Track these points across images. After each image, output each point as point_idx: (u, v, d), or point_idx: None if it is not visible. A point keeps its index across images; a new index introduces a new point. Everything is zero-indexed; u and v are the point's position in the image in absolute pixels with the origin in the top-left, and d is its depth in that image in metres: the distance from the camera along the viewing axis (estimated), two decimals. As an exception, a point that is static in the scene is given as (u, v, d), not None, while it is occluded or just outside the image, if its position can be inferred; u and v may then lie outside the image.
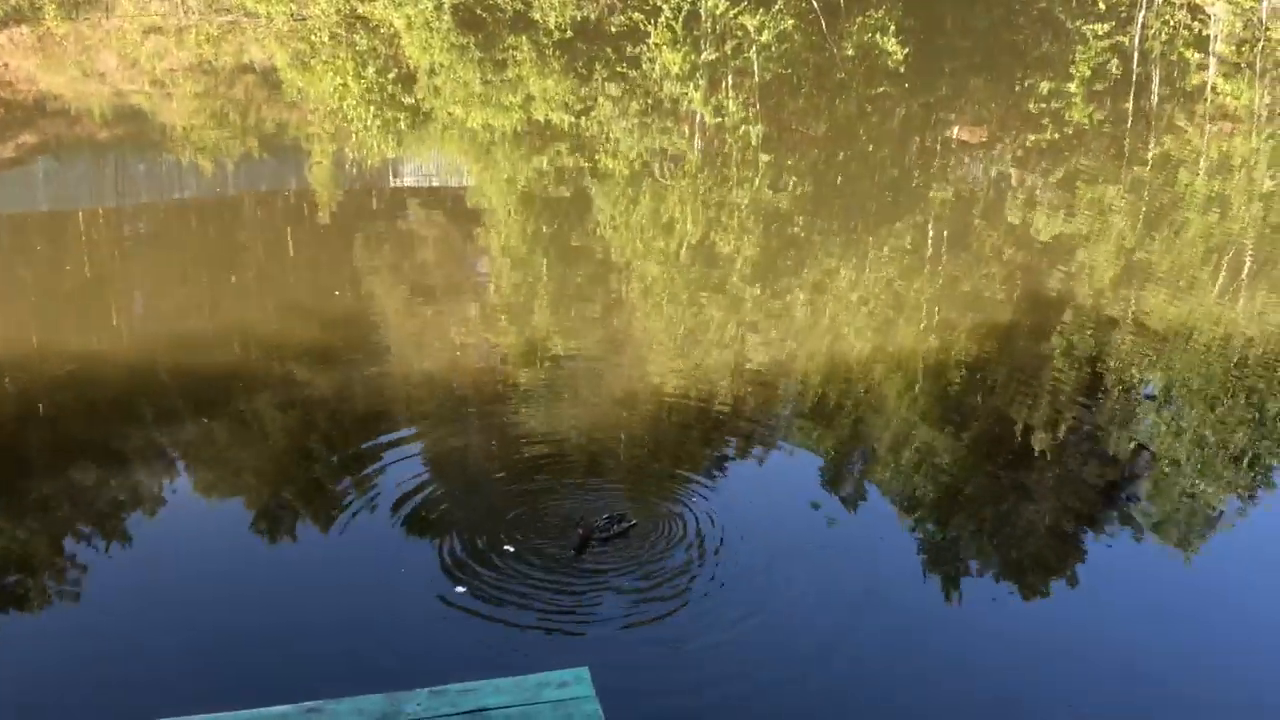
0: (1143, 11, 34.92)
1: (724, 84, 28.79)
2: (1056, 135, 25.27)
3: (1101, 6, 34.38)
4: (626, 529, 9.03)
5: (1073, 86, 29.22)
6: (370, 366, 12.57)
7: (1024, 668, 8.04)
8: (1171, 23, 34.91)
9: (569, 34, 31.64)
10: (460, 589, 8.37)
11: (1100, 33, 32.95)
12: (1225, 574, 9.45)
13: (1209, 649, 8.32)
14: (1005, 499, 10.45)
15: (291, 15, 34.36)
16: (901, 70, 30.04)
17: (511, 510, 9.46)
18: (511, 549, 8.83)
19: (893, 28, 31.52)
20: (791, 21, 31.86)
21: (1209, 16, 34.11)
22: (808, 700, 7.56)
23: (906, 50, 30.60)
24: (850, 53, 31.51)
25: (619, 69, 29.23)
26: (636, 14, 32.11)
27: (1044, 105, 28.07)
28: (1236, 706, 7.74)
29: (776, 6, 31.71)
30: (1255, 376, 12.88)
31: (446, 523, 9.29)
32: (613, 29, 32.26)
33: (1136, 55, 32.57)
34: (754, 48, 30.72)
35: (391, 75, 29.10)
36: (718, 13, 31.67)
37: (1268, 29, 32.70)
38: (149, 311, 14.66)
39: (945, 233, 18.53)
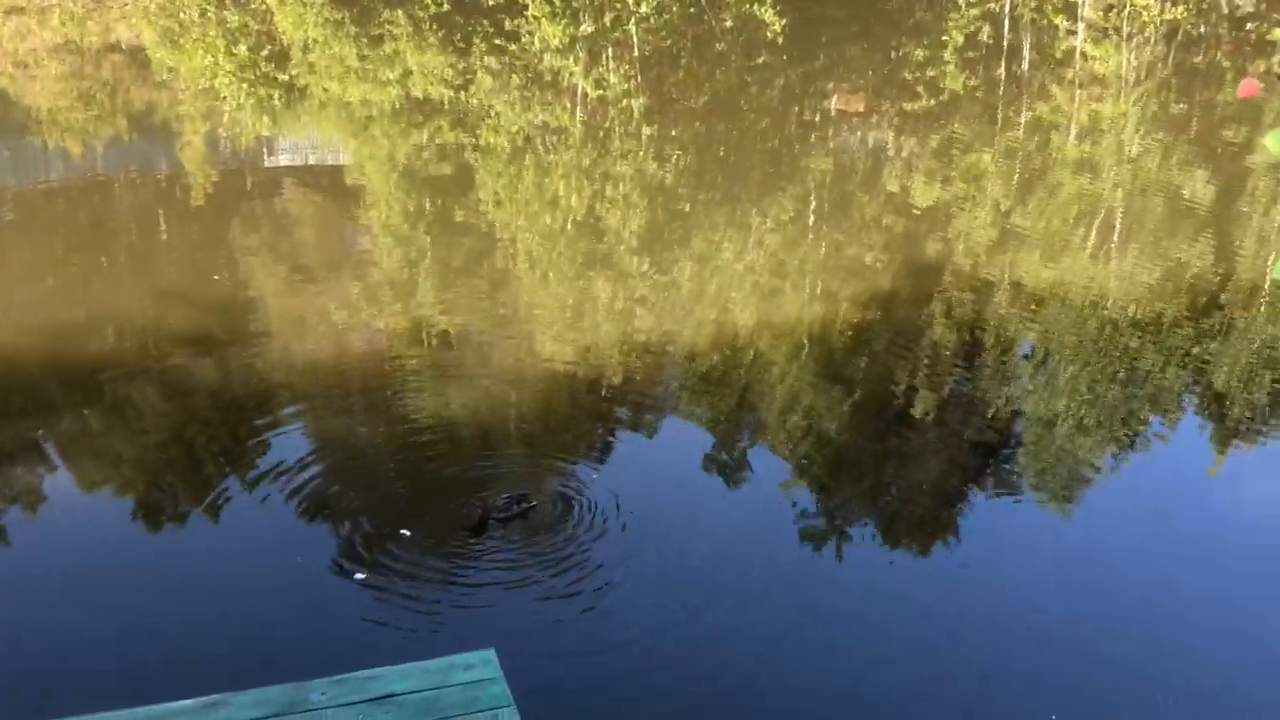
0: (1012, -21, 35.54)
1: (604, 56, 28.69)
2: (932, 102, 25.63)
3: (972, -26, 34.91)
4: (526, 509, 8.99)
5: (946, 54, 29.65)
6: (253, 350, 12.33)
7: (923, 626, 8.21)
8: (1040, -11, 35.59)
9: (445, 7, 31.25)
10: (360, 575, 8.28)
11: (971, 0, 33.46)
12: (1102, 527, 9.75)
13: (1090, 598, 8.59)
14: (892, 462, 10.64)
15: (158, -9, 33.44)
16: (780, 41, 30.20)
17: (406, 493, 9.39)
18: (408, 533, 8.75)
19: (770, -2, 31.67)
20: (670, -7, 31.86)
21: (1076, -17, 34.82)
22: (712, 669, 7.63)
23: (784, 21, 30.77)
24: (729, 24, 31.61)
25: (497, 42, 28.95)
26: (514, -14, 31.85)
27: (919, 73, 28.44)
28: (1115, 651, 8.01)
29: (655, -22, 31.68)
30: (1128, 335, 13.23)
31: (341, 508, 9.17)
32: (490, 2, 31.94)
33: (1007, 22, 33.16)
34: (633, 20, 30.66)
35: (264, 52, 28.48)
36: (596, -16, 31.58)
37: (1134, -7, 33.51)
38: (18, 300, 14.19)
39: (826, 202, 18.72)
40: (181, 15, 31.90)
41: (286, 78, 26.34)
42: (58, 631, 7.77)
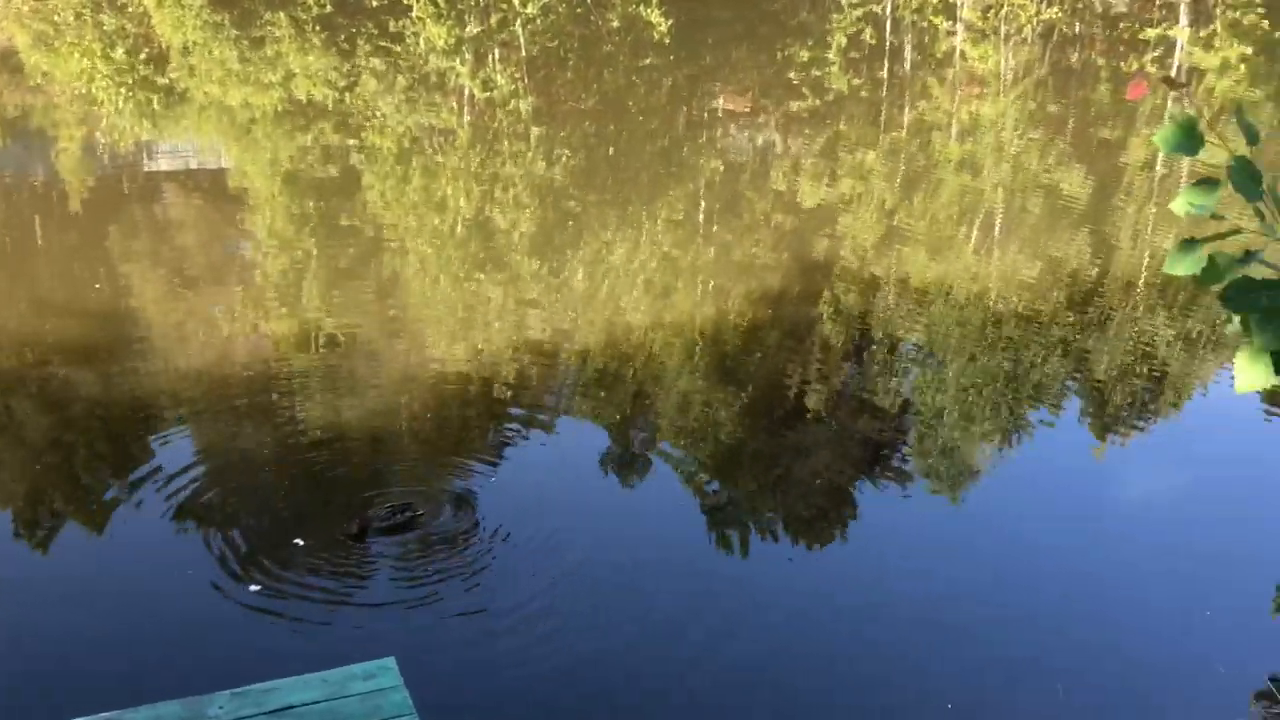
0: (893, -20, 36.12)
1: (491, 58, 28.59)
2: (817, 103, 25.95)
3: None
4: (410, 518, 8.89)
5: (831, 55, 30.04)
6: (135, 359, 12.06)
7: (821, 617, 8.30)
8: (920, -9, 36.22)
9: (328, 9, 30.89)
10: (254, 587, 8.13)
11: (854, 2, 33.94)
12: (990, 515, 9.96)
13: (981, 586, 8.76)
14: (786, 458, 10.74)
15: (31, -7, 32.61)
16: (666, 42, 30.36)
17: (297, 501, 9.25)
18: (301, 542, 8.63)
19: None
20: (555, -7, 31.85)
21: (955, -16, 35.49)
22: (609, 668, 7.64)
23: (670, 22, 30.93)
24: (615, 25, 31.68)
25: (382, 44, 28.69)
26: (398, -13, 31.60)
27: (804, 74, 28.78)
28: (1006, 636, 8.20)
29: (540, -21, 31.64)
30: (1011, 329, 13.53)
31: (230, 518, 9.00)
32: (374, 3, 31.64)
33: (889, 23, 33.69)
34: (519, 21, 30.59)
35: (143, 55, 27.90)
36: (481, -15, 31.46)
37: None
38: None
39: (716, 202, 18.85)
40: (56, 18, 31.11)
41: (166, 81, 25.83)
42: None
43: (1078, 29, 34.33)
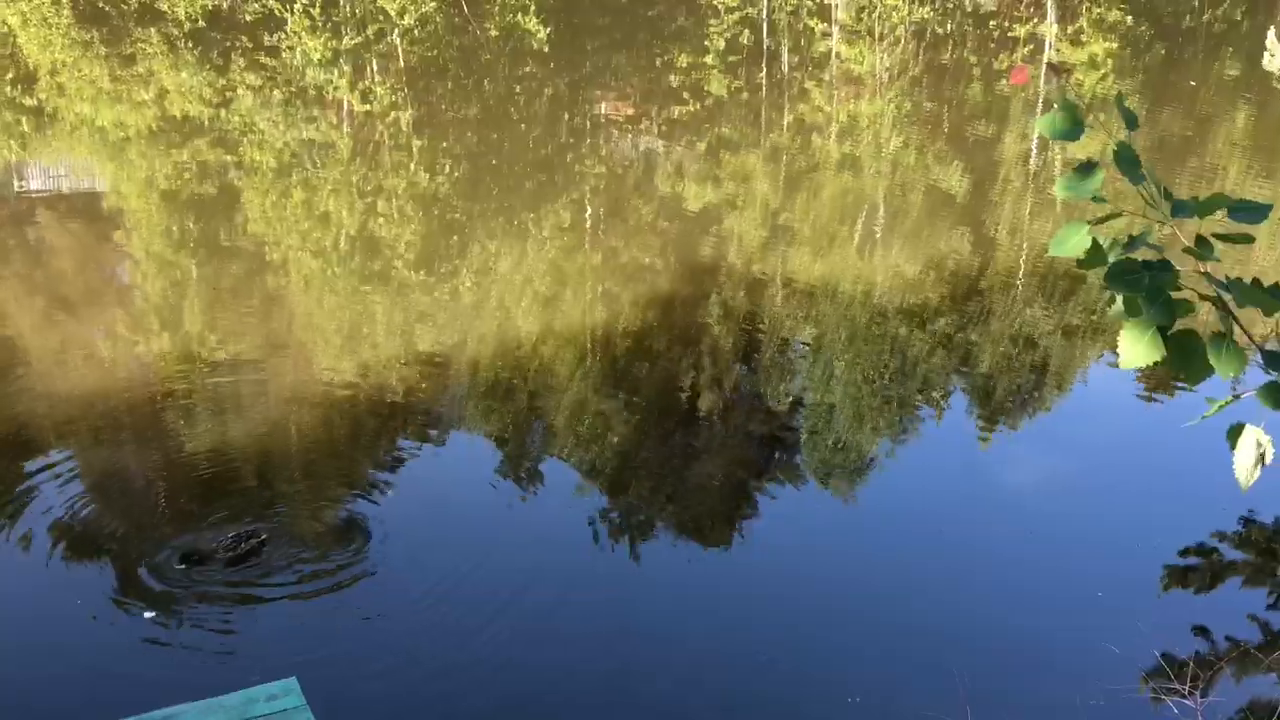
0: (767, -16, 36.51)
1: (369, 69, 28.30)
2: (698, 107, 26.11)
3: (729, -20, 35.72)
4: (256, 545, 8.69)
5: (709, 59, 30.24)
6: (10, 387, 11.71)
7: (721, 617, 8.34)
8: (795, -6, 36.66)
9: (201, 24, 30.33)
10: (149, 614, 7.94)
11: (730, 5, 34.22)
12: (882, 506, 10.11)
13: (875, 574, 8.90)
14: (680, 461, 10.78)
15: (-115, 15, 31.51)
16: (546, 49, 30.32)
17: (182, 528, 9.05)
18: (184, 567, 8.45)
19: (533, 7, 31.75)
20: (433, 4, 31.63)
21: (828, -13, 35.98)
22: (513, 675, 7.63)
23: (549, 30, 30.91)
24: (494, 34, 31.56)
25: (257, 58, 28.25)
26: (272, 0, 31.13)
27: (684, 78, 28.93)
28: (907, 620, 8.33)
29: (416, -11, 31.41)
30: (895, 323, 13.73)
31: (116, 548, 8.79)
32: (247, 17, 31.14)
33: (766, 26, 34.03)
34: (396, 31, 30.33)
35: (9, 76, 27.12)
36: (356, -3, 31.18)
37: (882, -5, 34.82)
38: None
39: (601, 208, 18.86)
40: (-86, 39, 30.12)
41: (34, 102, 25.13)
42: None
43: (949, 28, 34.98)
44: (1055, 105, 2.98)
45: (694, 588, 8.79)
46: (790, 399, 12.01)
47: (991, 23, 35.27)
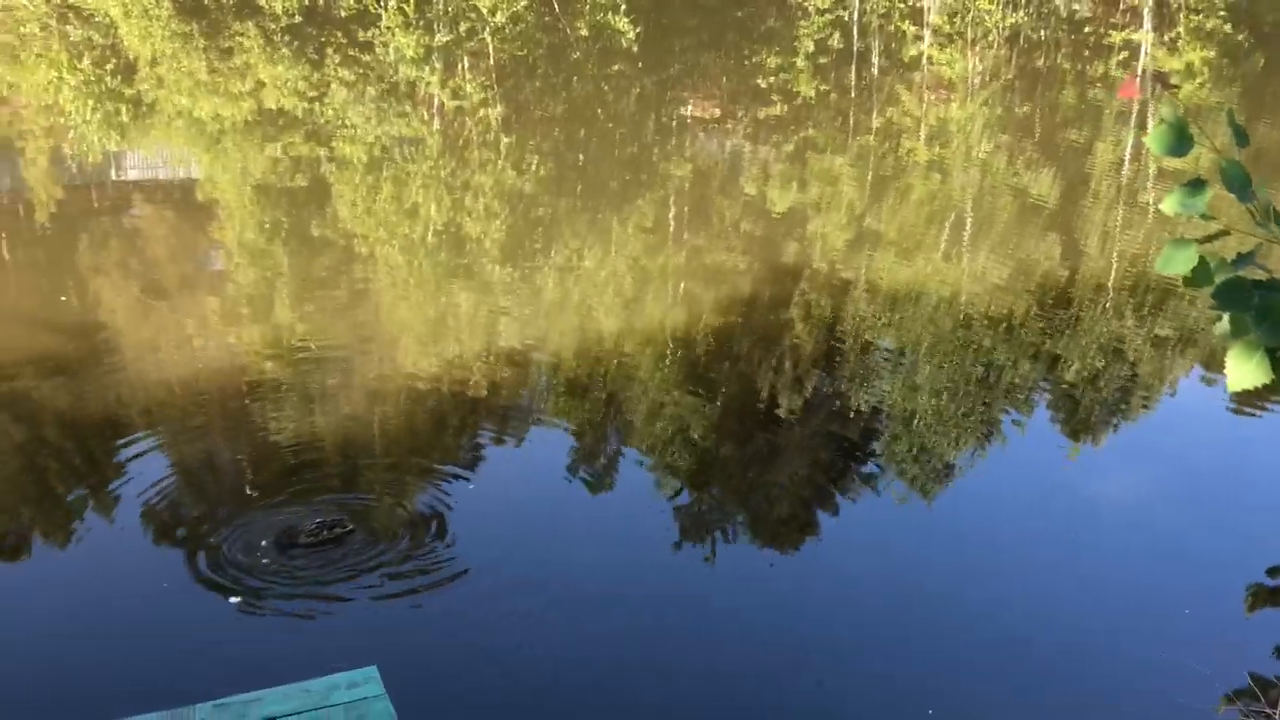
0: (860, -14, 36.29)
1: (460, 67, 28.55)
2: (785, 108, 26.04)
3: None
4: (340, 534, 8.80)
5: (798, 61, 30.14)
6: (104, 372, 11.97)
7: (799, 622, 8.31)
8: (887, -3, 36.42)
9: (297, 19, 30.80)
10: (234, 599, 8.08)
11: (821, 8, 34.07)
12: (963, 516, 9.99)
13: (958, 585, 8.79)
14: (758, 463, 10.75)
15: (-6, 5, 32.38)
16: (634, 49, 30.39)
17: (268, 514, 9.18)
18: (270, 552, 8.58)
19: (623, 7, 31.85)
20: (524, 2, 31.83)
21: (921, -10, 35.71)
22: (593, 675, 7.63)
23: (638, 29, 30.98)
24: (584, 33, 31.69)
25: (352, 53, 28.62)
26: (366, -4, 31.55)
27: (772, 80, 28.87)
28: (986, 633, 8.23)
29: (508, -13, 31.64)
30: (982, 331, 13.59)
31: (205, 531, 8.93)
32: (342, 13, 31.57)
33: (856, 29, 33.83)
34: (488, 29, 30.56)
35: (110, 66, 27.71)
36: (449, -6, 31.45)
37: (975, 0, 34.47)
38: None
39: (685, 207, 18.87)
40: (21, 30, 30.88)
41: (134, 92, 25.67)
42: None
43: (1043, 34, 34.55)
44: (1161, 119, 2.93)
45: (772, 590, 8.75)
46: (870, 404, 11.92)
47: (1086, 29, 34.78)
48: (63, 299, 14.24)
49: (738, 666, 7.82)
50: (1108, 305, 14.68)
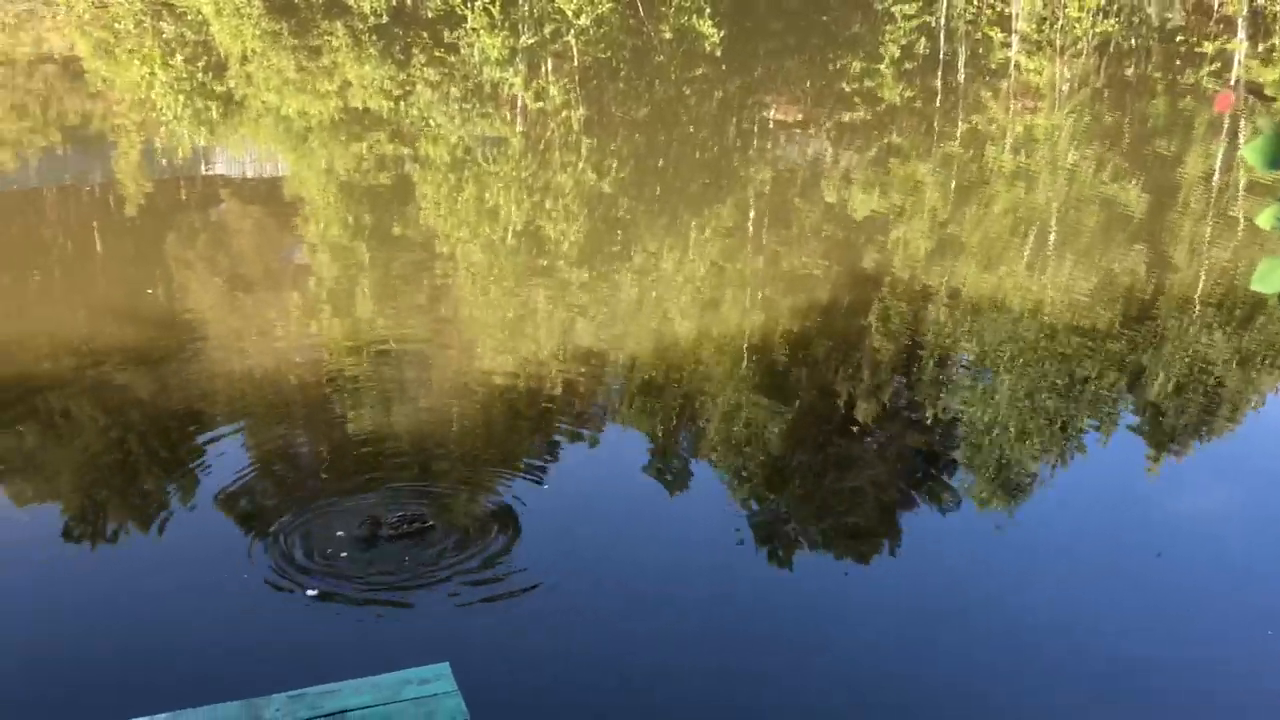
0: (947, -8, 35.99)
1: (544, 68, 28.71)
2: (869, 113, 25.87)
3: (908, -13, 35.32)
4: (422, 528, 8.87)
5: (883, 66, 29.94)
6: (188, 364, 12.18)
7: (872, 633, 8.25)
8: (975, 2, 36.06)
9: (384, 19, 31.16)
10: (311, 590, 8.19)
11: (908, 13, 33.83)
12: (1044, 529, 9.85)
13: (1036, 602, 8.67)
14: (833, 471, 10.69)
15: (93, 3, 33.09)
16: (718, 52, 30.37)
17: (347, 507, 9.29)
18: (345, 554, 8.67)
19: (708, 10, 31.85)
20: (609, 5, 31.94)
21: (1010, -4, 35.34)
22: (666, 678, 7.63)
23: (722, 33, 30.95)
24: (667, 35, 31.73)
25: (437, 54, 28.89)
26: (453, -2, 31.84)
27: (856, 84, 28.71)
28: (1062, 652, 8.09)
29: (593, -10, 31.77)
30: (1065, 343, 13.40)
31: (284, 523, 9.05)
32: (429, 13, 31.88)
33: (943, 34, 33.53)
34: (572, 31, 30.70)
35: (201, 63, 28.23)
36: (534, -4, 31.65)
37: (1065, 6, 34.01)
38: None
39: (766, 211, 18.82)
40: (116, 26, 31.54)
41: (224, 89, 26.12)
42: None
43: (1133, 42, 34.02)
44: (1260, 131, 2.87)
45: (849, 599, 8.71)
46: (946, 414, 11.80)
47: (1178, 38, 34.18)
48: (149, 291, 14.52)
49: (808, 674, 7.78)
50: (1194, 318, 14.42)
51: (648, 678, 7.62)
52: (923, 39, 32.68)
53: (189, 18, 31.86)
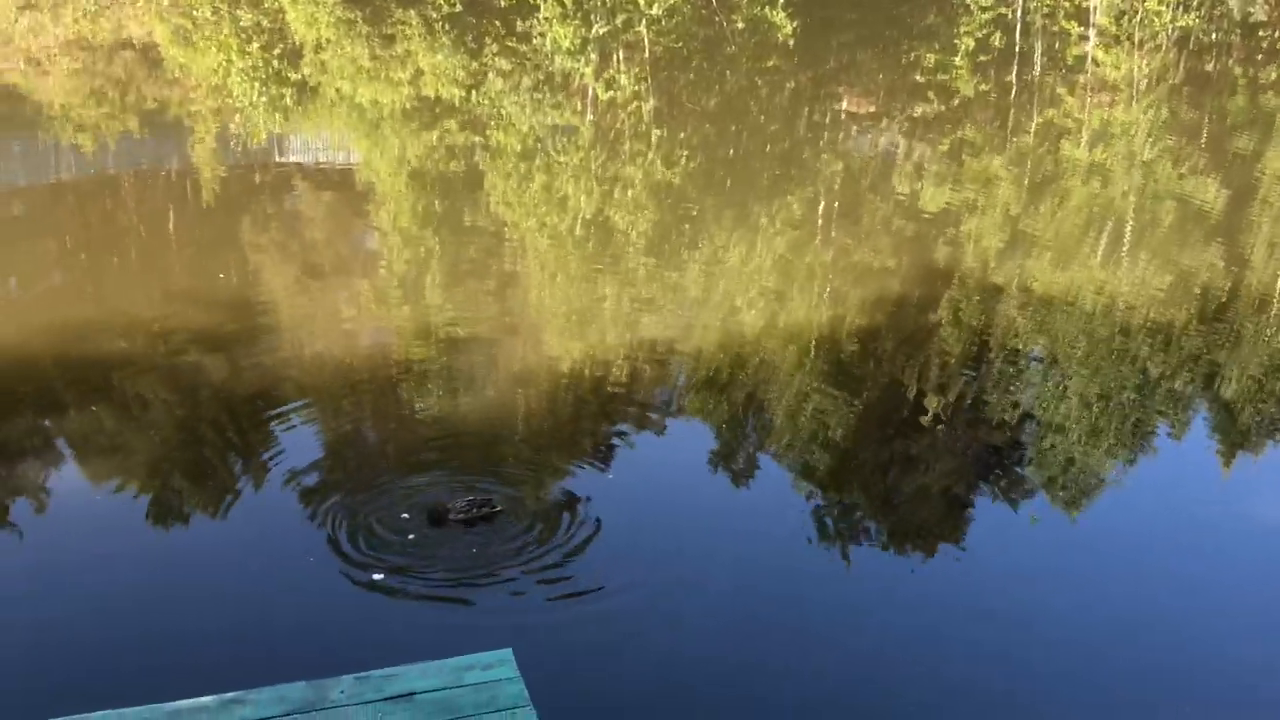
0: (1024, -16, 35.52)
1: (615, 58, 28.71)
2: (942, 107, 25.62)
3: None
4: (489, 514, 8.92)
5: (958, 59, 29.64)
6: (261, 349, 12.33)
7: (937, 631, 8.19)
8: (1052, -5, 35.58)
9: (458, 8, 31.30)
10: (377, 575, 8.26)
11: (984, 5, 33.44)
12: (1112, 531, 9.72)
13: (1102, 604, 8.57)
14: (899, 467, 10.61)
15: (171, -11, 33.55)
16: (790, 43, 30.21)
17: (415, 492, 9.37)
18: (413, 536, 8.74)
19: (781, 1, 31.68)
20: (681, -5, 31.89)
21: (1088, -11, 34.81)
22: (728, 668, 7.63)
23: (795, 24, 30.78)
24: (740, 26, 31.61)
25: (509, 43, 28.99)
26: (525, -13, 31.91)
27: (930, 77, 28.44)
28: (1127, 657, 7.99)
29: (666, -21, 31.71)
30: (1138, 342, 13.21)
31: (351, 508, 9.14)
32: (502, 2, 31.99)
33: (1019, 27, 33.12)
34: (644, 21, 30.67)
35: (277, 51, 28.53)
36: (607, -14, 31.63)
37: (1144, 0, 33.47)
38: (29, 297, 14.24)
39: (836, 204, 18.71)
40: (194, 13, 31.96)
41: (298, 77, 26.39)
42: (73, 631, 7.76)
43: (1214, 36, 33.41)
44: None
45: (913, 595, 8.65)
46: (1019, 412, 11.67)
47: (1260, 33, 33.52)
48: (221, 276, 14.71)
49: (879, 678, 7.74)
50: (1272, 318, 14.15)
51: (710, 673, 7.61)
52: (998, 32, 32.29)
53: (265, 5, 32.20)
